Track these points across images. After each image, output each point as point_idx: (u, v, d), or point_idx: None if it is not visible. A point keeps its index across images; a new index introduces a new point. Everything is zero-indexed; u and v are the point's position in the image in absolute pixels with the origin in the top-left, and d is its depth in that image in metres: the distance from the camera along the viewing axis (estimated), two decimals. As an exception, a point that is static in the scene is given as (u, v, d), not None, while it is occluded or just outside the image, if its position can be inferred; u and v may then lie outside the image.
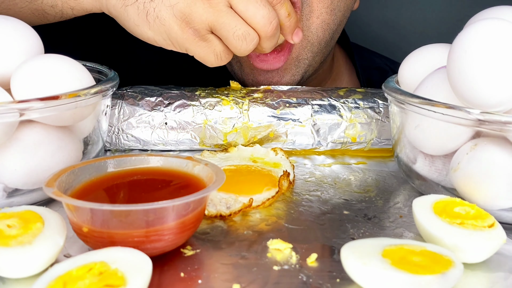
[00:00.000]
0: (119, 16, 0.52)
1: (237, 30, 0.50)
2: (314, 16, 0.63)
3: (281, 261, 0.36)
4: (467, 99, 0.40)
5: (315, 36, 0.64)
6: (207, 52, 0.51)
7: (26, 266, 0.33)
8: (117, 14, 0.52)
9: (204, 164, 0.41)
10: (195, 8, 0.49)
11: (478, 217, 0.38)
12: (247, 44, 0.51)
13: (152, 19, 0.50)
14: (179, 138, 0.56)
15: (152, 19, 0.50)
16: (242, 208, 0.43)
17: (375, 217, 0.44)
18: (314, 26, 0.63)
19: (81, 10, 0.55)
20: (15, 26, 0.45)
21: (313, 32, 0.63)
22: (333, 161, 0.57)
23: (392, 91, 0.47)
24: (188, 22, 0.50)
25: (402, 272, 0.31)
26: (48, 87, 0.42)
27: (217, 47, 0.51)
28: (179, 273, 0.35)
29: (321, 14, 0.63)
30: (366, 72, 0.82)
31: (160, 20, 0.50)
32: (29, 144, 0.42)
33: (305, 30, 0.63)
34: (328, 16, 0.64)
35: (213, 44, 0.51)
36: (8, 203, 0.42)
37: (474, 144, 0.41)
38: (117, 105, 0.56)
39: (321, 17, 0.63)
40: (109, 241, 0.34)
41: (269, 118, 0.57)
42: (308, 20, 0.62)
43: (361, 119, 0.57)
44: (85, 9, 0.55)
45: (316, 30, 0.64)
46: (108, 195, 0.40)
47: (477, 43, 0.39)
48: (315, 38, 0.64)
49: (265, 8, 0.50)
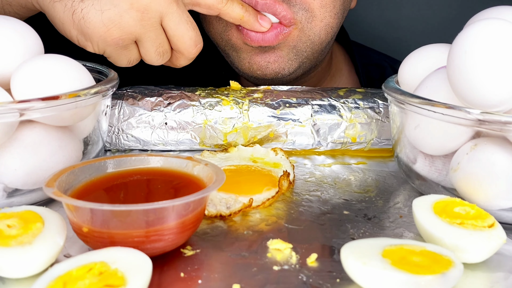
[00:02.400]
0: (48, 12, 0.53)
1: (160, 47, 0.53)
2: (318, 20, 0.63)
3: (281, 261, 0.36)
4: (467, 99, 0.40)
5: (317, 37, 0.64)
6: (122, 57, 0.53)
7: (26, 266, 0.33)
8: (46, 9, 0.52)
9: (204, 164, 0.41)
10: (126, 18, 0.50)
11: (478, 217, 0.38)
12: (162, 60, 0.54)
13: (78, 19, 0.50)
14: (179, 138, 0.56)
15: (77, 19, 0.50)
16: (242, 208, 0.43)
17: (375, 217, 0.44)
18: (317, 29, 0.63)
19: (18, 6, 0.55)
20: (15, 26, 0.45)
21: (315, 34, 0.63)
22: (333, 161, 0.57)
23: (392, 91, 0.47)
24: (115, 30, 0.50)
25: (402, 272, 0.31)
26: (48, 87, 0.42)
27: (133, 56, 0.53)
28: (179, 273, 0.35)
29: (324, 18, 0.63)
30: (365, 68, 0.82)
31: (86, 22, 0.50)
32: (29, 144, 0.42)
33: (307, 30, 0.63)
34: (332, 19, 0.64)
35: (131, 52, 0.53)
36: (8, 203, 0.42)
37: (474, 144, 0.41)
38: (117, 105, 0.56)
39: (325, 21, 0.63)
40: (109, 241, 0.34)
41: (269, 118, 0.57)
42: (310, 23, 0.62)
43: (361, 119, 0.57)
44: (20, 4, 0.55)
45: (320, 32, 0.64)
46: (108, 195, 0.40)
47: (477, 43, 0.39)
48: (317, 38, 0.64)
49: (193, 31, 0.53)
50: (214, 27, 0.65)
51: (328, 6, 0.63)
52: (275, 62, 0.64)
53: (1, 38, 0.44)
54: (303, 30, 0.62)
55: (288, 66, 0.65)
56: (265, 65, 0.64)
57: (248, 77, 0.67)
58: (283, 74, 0.65)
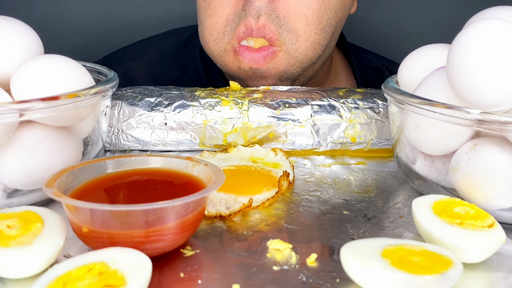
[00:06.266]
0: None
1: None
2: (302, 39, 0.62)
3: (281, 261, 0.37)
4: (467, 99, 0.40)
5: (305, 56, 0.63)
6: None
7: (26, 267, 0.33)
8: None
9: (203, 164, 0.41)
10: None
11: (478, 217, 0.38)
12: None
13: None
14: (179, 139, 0.56)
15: None
16: (242, 208, 0.43)
17: (374, 217, 0.44)
18: (303, 48, 0.63)
19: None
20: (15, 26, 0.45)
21: (302, 53, 0.63)
22: (333, 161, 0.57)
23: (392, 91, 0.47)
24: None
25: (401, 272, 0.31)
26: (48, 88, 0.42)
27: None
28: (179, 273, 0.35)
29: (309, 36, 0.62)
30: (363, 72, 0.82)
31: None
32: (29, 144, 0.42)
33: (292, 52, 0.62)
34: (317, 36, 0.63)
35: None
36: (8, 204, 0.42)
37: (474, 144, 0.41)
38: (117, 105, 0.56)
39: (310, 39, 0.63)
40: (109, 241, 0.34)
41: (268, 118, 0.57)
42: (294, 44, 0.62)
43: (360, 120, 0.57)
44: None
45: (306, 50, 0.63)
46: (108, 196, 0.40)
47: (476, 43, 0.39)
48: (305, 57, 0.64)
49: None
50: (210, 48, 0.66)
51: (313, 24, 0.62)
52: (270, 86, 0.64)
53: (1, 38, 0.44)
54: (288, 52, 0.62)
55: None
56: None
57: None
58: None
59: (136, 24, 1.00)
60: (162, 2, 1.00)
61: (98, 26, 0.98)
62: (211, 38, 0.64)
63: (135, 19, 1.00)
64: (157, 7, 1.00)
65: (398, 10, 1.07)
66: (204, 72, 0.78)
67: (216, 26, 0.63)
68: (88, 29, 0.98)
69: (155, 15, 1.00)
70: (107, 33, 0.99)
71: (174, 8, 1.00)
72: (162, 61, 0.83)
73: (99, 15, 0.98)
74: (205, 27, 0.65)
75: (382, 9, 1.07)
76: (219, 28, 0.63)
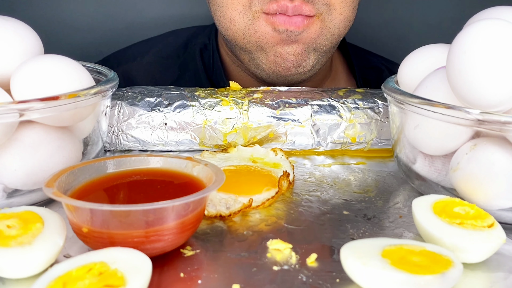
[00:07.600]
0: None
1: None
2: (337, 13, 0.65)
3: (281, 261, 0.37)
4: (467, 99, 0.40)
5: (337, 29, 0.66)
6: None
7: (26, 267, 0.33)
8: None
9: (203, 164, 0.41)
10: None
11: (478, 217, 0.38)
12: None
13: None
14: (179, 139, 0.56)
15: None
16: (241, 208, 0.43)
17: (374, 217, 0.44)
18: (337, 21, 0.66)
19: None
20: (14, 26, 0.45)
21: (335, 25, 0.66)
22: (333, 161, 0.57)
23: (392, 91, 0.47)
24: None
25: (401, 272, 0.31)
26: (47, 88, 0.42)
27: None
28: (179, 273, 0.35)
29: (344, 11, 0.66)
30: (362, 71, 0.82)
31: None
32: (29, 144, 0.42)
33: (327, 22, 0.65)
34: (350, 13, 0.67)
35: None
36: (8, 204, 0.42)
37: (474, 144, 0.41)
38: (116, 105, 0.56)
39: (344, 14, 0.66)
40: (109, 241, 0.34)
41: (268, 118, 0.57)
42: (330, 15, 0.65)
43: (360, 120, 0.57)
44: None
45: (339, 24, 0.66)
46: (108, 196, 0.40)
47: (476, 43, 0.39)
48: (336, 31, 0.66)
49: None
50: (236, 23, 0.65)
51: (348, 1, 0.66)
52: (298, 54, 0.65)
53: (1, 38, 0.44)
54: (324, 22, 0.64)
55: (308, 60, 0.66)
56: (290, 58, 0.65)
57: (268, 73, 0.67)
58: (304, 66, 0.66)
59: (136, 24, 1.00)
60: (162, 3, 1.00)
61: (98, 26, 0.98)
62: (236, 12, 0.64)
63: (135, 20, 1.00)
64: (157, 8, 1.00)
65: (398, 10, 1.07)
66: (204, 72, 0.78)
67: (240, 0, 0.64)
68: (88, 29, 0.98)
69: (155, 16, 1.00)
70: (107, 33, 0.99)
71: (174, 9, 1.00)
72: (162, 61, 0.83)
73: (99, 16, 0.98)
74: (226, 7, 0.65)
75: (382, 9, 1.07)
76: (244, 1, 0.64)
